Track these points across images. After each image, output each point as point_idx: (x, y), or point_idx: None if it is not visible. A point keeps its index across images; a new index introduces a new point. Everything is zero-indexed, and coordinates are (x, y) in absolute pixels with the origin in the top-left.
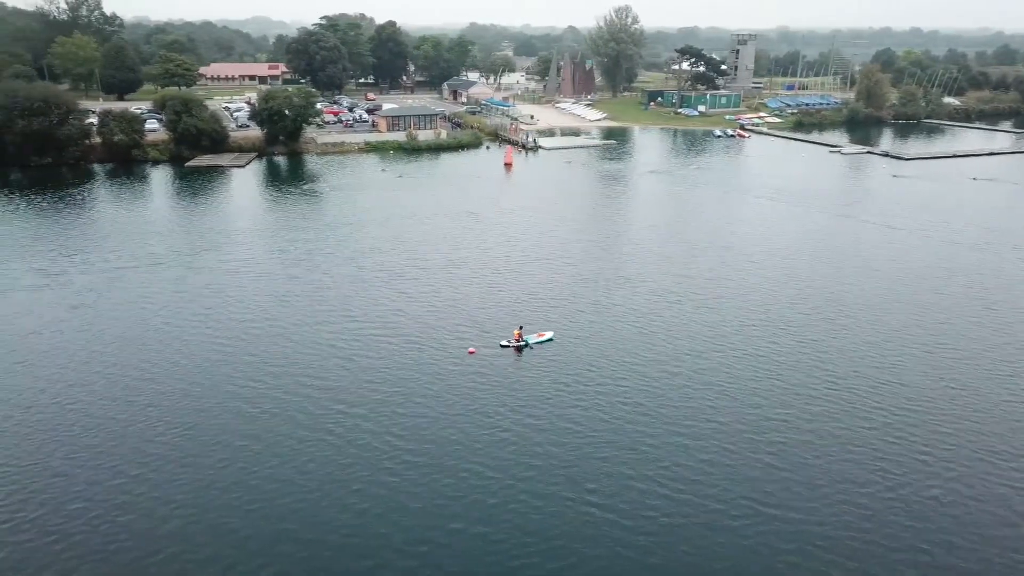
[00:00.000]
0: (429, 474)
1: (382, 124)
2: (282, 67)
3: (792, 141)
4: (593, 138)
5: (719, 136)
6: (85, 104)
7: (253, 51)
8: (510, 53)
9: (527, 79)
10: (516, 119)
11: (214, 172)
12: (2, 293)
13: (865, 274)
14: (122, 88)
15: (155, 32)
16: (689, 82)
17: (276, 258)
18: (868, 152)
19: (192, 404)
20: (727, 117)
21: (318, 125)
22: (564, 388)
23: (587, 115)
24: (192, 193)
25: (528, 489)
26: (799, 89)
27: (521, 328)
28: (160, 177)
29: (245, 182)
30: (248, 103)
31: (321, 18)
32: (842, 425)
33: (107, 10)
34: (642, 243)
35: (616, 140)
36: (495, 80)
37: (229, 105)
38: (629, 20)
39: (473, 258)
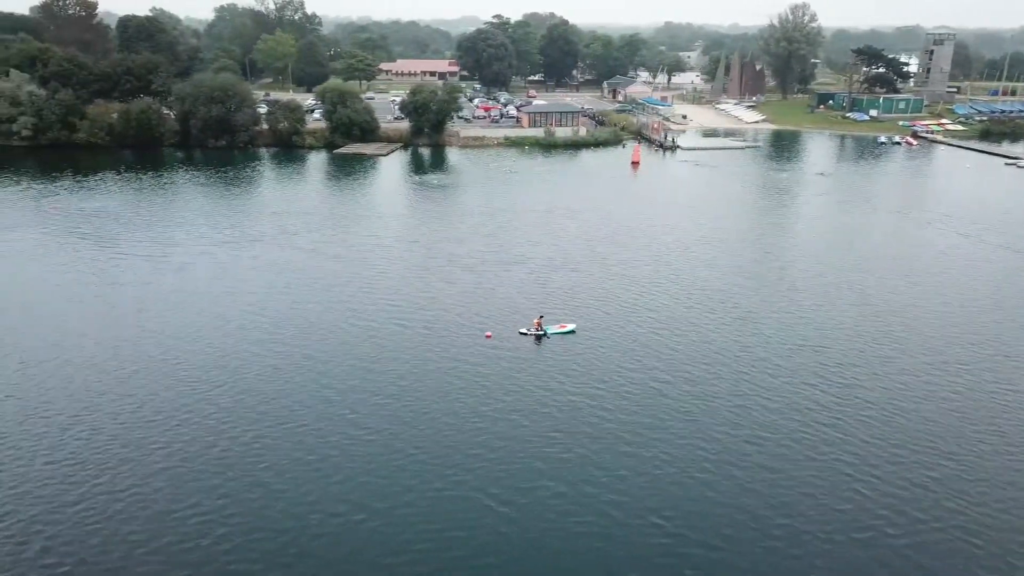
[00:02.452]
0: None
1: (525, 120)
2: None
3: (966, 151)
4: (740, 140)
5: (883, 143)
6: (277, 95)
7: (448, 49)
8: (689, 54)
9: (701, 79)
10: (667, 119)
11: (358, 159)
12: (203, 254)
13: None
14: (311, 81)
15: (358, 30)
16: (864, 84)
17: (364, 241)
18: None
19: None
20: (900, 123)
21: (466, 120)
22: (567, 377)
23: (744, 117)
24: (331, 177)
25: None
26: (1005, 95)
27: (541, 317)
28: (311, 161)
29: (379, 170)
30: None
31: (493, 16)
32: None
33: (310, 10)
34: (720, 255)
35: (767, 143)
36: (655, 79)
37: (395, 99)
38: (806, 18)
39: (538, 254)
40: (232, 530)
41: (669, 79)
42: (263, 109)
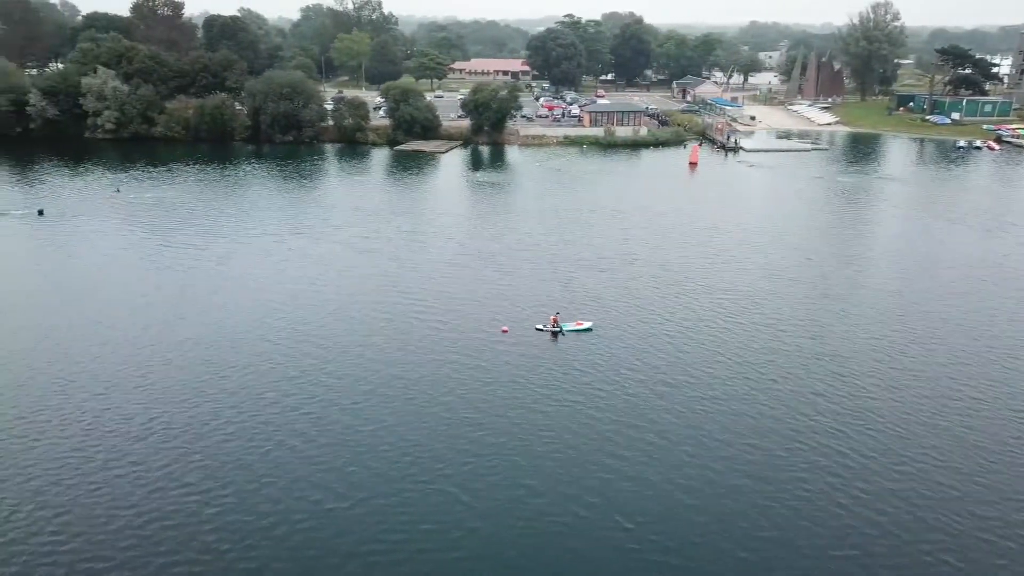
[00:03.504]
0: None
1: (586, 119)
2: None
3: None
4: (806, 142)
5: (962, 147)
6: (350, 93)
7: (524, 48)
8: (771, 54)
9: (779, 79)
10: (734, 120)
11: (417, 156)
12: (242, 244)
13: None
14: (383, 79)
15: (437, 29)
16: (948, 86)
17: (401, 235)
18: None
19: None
20: (985, 127)
21: (527, 118)
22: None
23: (817, 118)
24: (387, 173)
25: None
26: None
27: (558, 314)
28: (372, 158)
29: (435, 167)
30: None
31: (564, 16)
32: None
33: (388, 10)
34: (757, 259)
35: (838, 146)
36: (726, 79)
37: (462, 97)
38: (888, 17)
39: (570, 252)
40: (245, 521)
41: (745, 79)
42: (330, 106)
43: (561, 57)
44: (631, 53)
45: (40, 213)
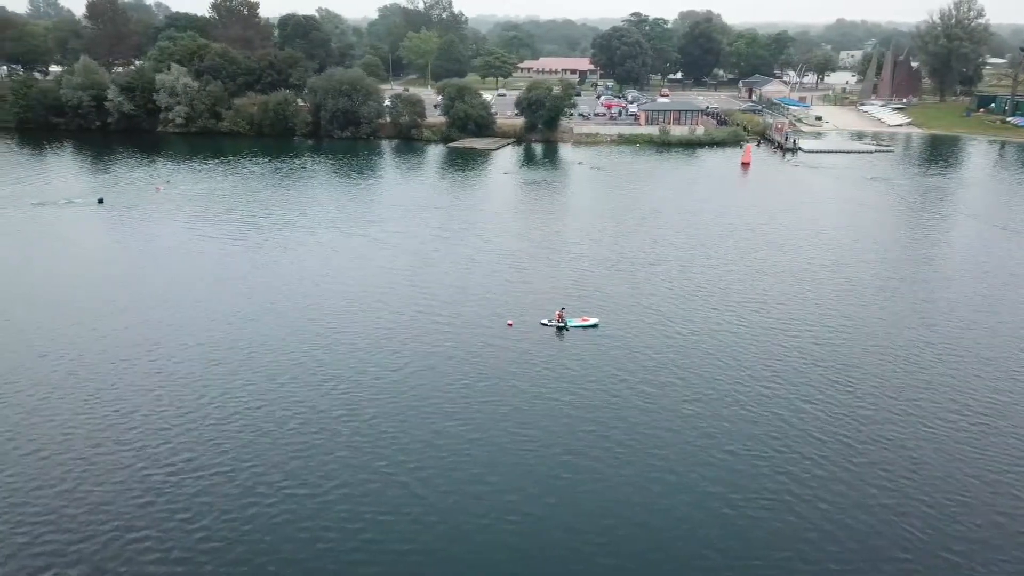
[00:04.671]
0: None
1: (642, 118)
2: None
3: None
4: (871, 143)
5: None
6: (416, 90)
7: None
8: (853, 53)
9: (855, 78)
10: (799, 120)
11: (469, 153)
12: (271, 237)
13: None
14: (449, 77)
15: (509, 28)
16: None
17: (429, 231)
18: None
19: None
20: None
21: (584, 116)
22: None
23: (887, 119)
24: (434, 169)
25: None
26: None
27: (563, 309)
28: (425, 154)
29: (484, 164)
30: None
31: (631, 15)
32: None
33: (456, 9)
34: (782, 262)
35: (907, 148)
36: (797, 78)
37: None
38: (971, 14)
39: (592, 252)
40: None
41: (820, 79)
42: (389, 103)
43: (625, 56)
44: (700, 52)
45: (100, 202)
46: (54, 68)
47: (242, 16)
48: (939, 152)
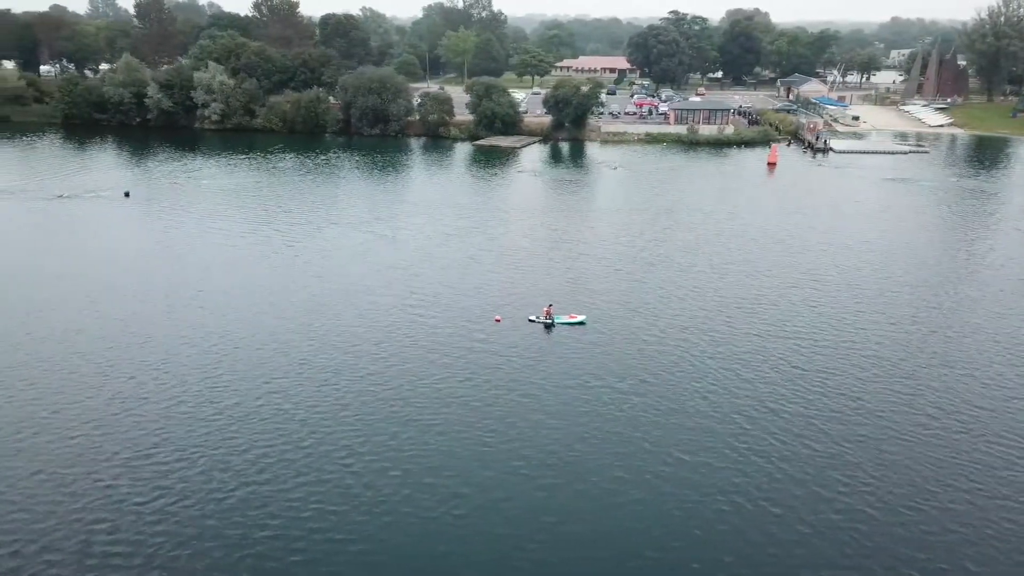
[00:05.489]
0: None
1: (671, 117)
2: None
3: None
4: (905, 144)
5: None
6: (449, 89)
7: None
8: (904, 51)
9: (901, 77)
10: (835, 120)
11: (493, 151)
12: (274, 233)
13: None
14: (485, 76)
15: (552, 26)
16: None
17: (435, 229)
18: None
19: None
20: None
21: (613, 115)
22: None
23: (928, 120)
24: (456, 167)
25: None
26: None
27: (551, 306)
28: (450, 152)
29: (507, 162)
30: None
31: (670, 12)
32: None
33: (497, 8)
34: (783, 265)
35: (946, 149)
36: (838, 77)
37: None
38: (1022, 11)
39: (593, 251)
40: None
41: (864, 77)
42: (418, 101)
43: (662, 54)
44: (740, 50)
45: (126, 195)
46: (104, 66)
47: (283, 15)
48: (981, 154)
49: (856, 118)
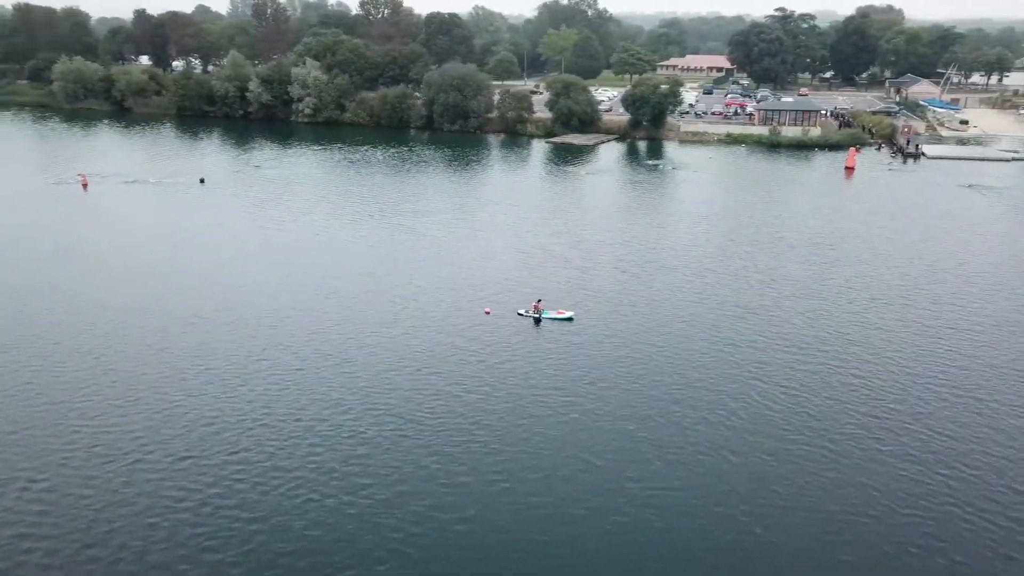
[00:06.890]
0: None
1: (756, 117)
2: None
3: None
4: (1007, 151)
5: None
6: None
7: None
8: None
9: None
10: (941, 123)
11: (567, 149)
12: (309, 225)
13: None
14: (583, 74)
15: (668, 24)
16: None
17: (468, 225)
18: None
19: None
20: None
21: (697, 115)
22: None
23: None
24: (524, 164)
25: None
26: None
27: (540, 301)
28: (524, 149)
29: (578, 160)
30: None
31: (776, 10)
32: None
33: (602, 6)
34: (800, 272)
35: None
36: (953, 78)
37: None
38: None
39: (610, 253)
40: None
41: (992, 78)
42: (498, 98)
43: (763, 53)
44: (852, 49)
45: (201, 181)
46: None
47: (387, 14)
48: None
49: (964, 122)
